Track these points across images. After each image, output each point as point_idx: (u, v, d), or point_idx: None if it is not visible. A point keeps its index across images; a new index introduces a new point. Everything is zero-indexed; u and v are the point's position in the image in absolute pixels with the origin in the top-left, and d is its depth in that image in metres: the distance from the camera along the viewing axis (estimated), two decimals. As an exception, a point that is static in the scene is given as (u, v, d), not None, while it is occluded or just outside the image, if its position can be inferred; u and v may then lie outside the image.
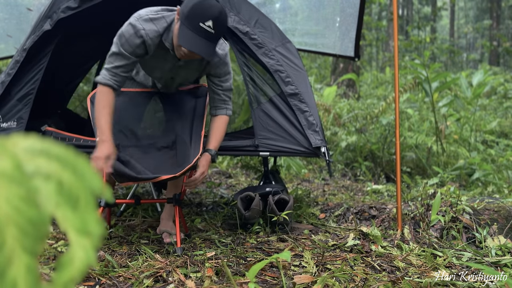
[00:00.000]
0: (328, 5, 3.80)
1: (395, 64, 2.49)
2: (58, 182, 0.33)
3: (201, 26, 1.90)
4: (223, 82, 2.27)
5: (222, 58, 2.22)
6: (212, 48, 1.97)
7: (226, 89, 2.29)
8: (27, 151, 0.33)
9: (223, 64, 2.24)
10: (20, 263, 0.28)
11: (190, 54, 2.02)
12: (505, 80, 11.01)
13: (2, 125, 2.57)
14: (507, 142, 5.66)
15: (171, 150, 2.33)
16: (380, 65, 16.03)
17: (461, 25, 29.23)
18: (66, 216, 0.31)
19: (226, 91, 2.30)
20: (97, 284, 1.72)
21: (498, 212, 2.43)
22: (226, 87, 2.29)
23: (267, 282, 1.76)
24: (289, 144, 2.55)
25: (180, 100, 2.41)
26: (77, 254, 0.30)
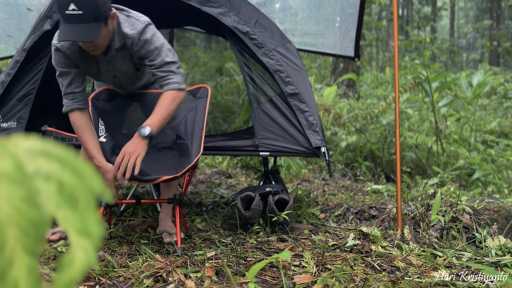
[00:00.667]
0: (328, 5, 3.80)
1: (395, 64, 2.49)
2: (58, 182, 0.33)
3: (67, 14, 1.86)
4: (153, 60, 2.12)
5: (136, 38, 2.08)
6: (90, 29, 1.88)
7: (160, 65, 2.12)
8: (27, 151, 0.33)
9: (143, 42, 2.09)
10: (21, 264, 0.28)
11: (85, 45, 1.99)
12: (505, 80, 11.01)
13: (2, 125, 2.57)
14: (507, 142, 5.66)
15: (172, 151, 2.33)
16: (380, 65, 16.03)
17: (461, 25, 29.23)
18: (66, 217, 0.31)
19: (161, 67, 2.13)
20: (97, 284, 1.72)
21: (498, 212, 2.43)
22: (159, 63, 2.12)
23: (267, 282, 1.77)
24: (289, 144, 2.55)
25: None
26: (77, 255, 0.30)
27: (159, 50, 2.10)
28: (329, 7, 3.80)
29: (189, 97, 2.43)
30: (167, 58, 2.13)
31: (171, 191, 2.39)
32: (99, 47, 2.02)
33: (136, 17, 2.13)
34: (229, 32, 2.64)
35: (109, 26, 2.00)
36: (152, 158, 2.26)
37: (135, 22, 2.10)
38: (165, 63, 2.12)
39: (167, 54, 2.13)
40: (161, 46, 2.11)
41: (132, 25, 2.09)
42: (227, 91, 6.62)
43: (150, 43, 2.09)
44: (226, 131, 5.54)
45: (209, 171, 4.55)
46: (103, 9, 1.91)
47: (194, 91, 2.44)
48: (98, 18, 1.90)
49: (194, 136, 2.28)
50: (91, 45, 1.99)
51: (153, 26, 2.13)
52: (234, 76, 6.87)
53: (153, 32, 2.11)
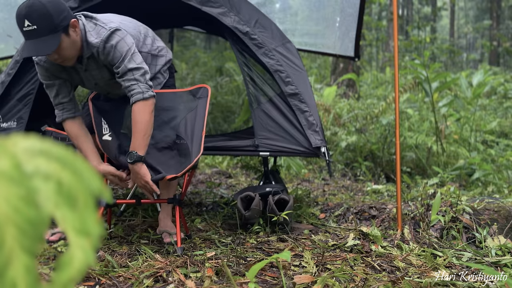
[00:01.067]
0: (328, 5, 3.80)
1: (395, 64, 2.49)
2: (57, 182, 0.33)
3: (25, 31, 1.87)
4: (118, 67, 2.06)
5: (101, 46, 2.04)
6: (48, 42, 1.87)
7: (123, 73, 2.06)
8: (26, 151, 0.33)
9: (109, 49, 2.04)
10: (20, 263, 0.28)
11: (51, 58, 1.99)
12: (505, 80, 11.01)
13: (2, 125, 2.57)
14: (507, 142, 5.66)
15: (172, 151, 2.33)
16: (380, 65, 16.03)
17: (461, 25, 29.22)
18: (65, 216, 0.31)
19: (124, 75, 2.06)
20: (97, 284, 1.72)
21: (498, 212, 2.43)
22: (122, 70, 2.05)
23: (267, 282, 1.76)
24: (289, 144, 2.55)
25: (181, 100, 2.41)
26: (76, 255, 0.30)
27: (124, 57, 2.04)
28: (329, 7, 3.80)
29: (189, 97, 2.42)
30: (129, 65, 2.05)
31: (170, 191, 2.39)
32: (67, 58, 2.01)
33: (103, 24, 2.07)
34: (229, 32, 2.64)
35: (71, 36, 1.96)
36: (152, 158, 2.26)
37: (100, 29, 2.06)
38: (127, 70, 2.05)
39: (131, 60, 2.06)
40: (126, 53, 2.04)
41: (97, 33, 2.05)
42: (227, 91, 6.62)
43: (116, 50, 2.04)
44: (226, 131, 5.53)
45: (209, 171, 4.55)
46: (58, 20, 1.89)
47: (194, 91, 2.44)
48: (55, 29, 1.88)
49: (194, 136, 2.28)
50: (58, 57, 1.98)
51: (120, 32, 2.07)
52: (234, 76, 6.87)
53: (119, 38, 2.05)
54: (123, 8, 2.91)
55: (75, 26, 1.97)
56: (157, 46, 2.42)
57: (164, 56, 2.45)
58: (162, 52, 2.45)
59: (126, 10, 2.96)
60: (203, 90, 2.42)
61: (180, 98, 2.42)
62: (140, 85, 2.06)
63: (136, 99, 2.05)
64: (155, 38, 2.45)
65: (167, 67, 2.49)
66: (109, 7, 2.72)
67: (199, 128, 2.29)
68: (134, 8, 2.96)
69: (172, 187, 2.41)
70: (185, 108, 2.38)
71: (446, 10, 25.68)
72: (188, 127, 2.33)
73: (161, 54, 2.43)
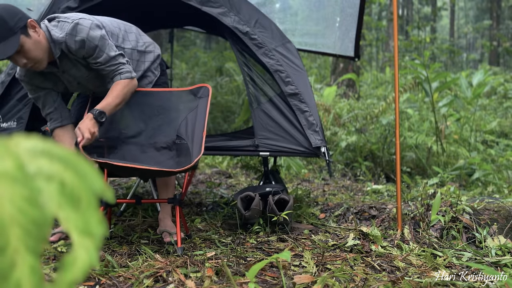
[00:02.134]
0: (328, 5, 3.80)
1: (395, 64, 2.49)
2: (60, 182, 0.33)
3: None
4: (97, 58, 2.09)
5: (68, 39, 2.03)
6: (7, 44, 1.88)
7: (105, 61, 2.10)
8: (29, 151, 0.33)
9: (80, 43, 2.04)
10: (24, 264, 0.28)
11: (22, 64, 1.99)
12: (505, 80, 11.01)
13: (2, 125, 2.57)
14: (507, 142, 5.66)
15: (171, 151, 2.33)
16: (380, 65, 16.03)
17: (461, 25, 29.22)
18: (68, 217, 0.31)
19: (107, 62, 2.10)
20: (97, 284, 1.72)
21: (498, 212, 2.44)
22: (104, 59, 2.09)
23: (267, 282, 1.77)
24: (289, 144, 2.55)
25: (181, 100, 2.41)
26: (80, 255, 0.30)
27: (100, 47, 2.06)
28: (329, 7, 3.80)
29: (190, 97, 2.42)
30: (111, 53, 2.10)
31: (169, 192, 2.39)
32: (37, 60, 2.01)
33: (66, 19, 2.07)
34: (229, 32, 2.64)
35: (32, 36, 1.96)
36: (151, 158, 2.26)
37: (63, 24, 2.05)
38: (111, 57, 2.10)
39: (110, 48, 2.09)
40: (101, 43, 2.06)
41: (61, 29, 2.05)
42: (227, 91, 6.62)
43: (89, 43, 2.04)
44: (226, 131, 5.54)
45: (209, 171, 4.55)
46: (13, 22, 1.89)
47: (195, 90, 2.43)
48: (12, 31, 1.89)
49: (195, 136, 2.27)
50: (28, 61, 1.98)
51: (84, 21, 2.05)
52: (234, 76, 6.87)
53: (86, 28, 2.04)
54: (123, 8, 2.91)
55: (33, 26, 1.97)
56: (144, 42, 2.40)
57: (152, 52, 2.43)
58: (150, 48, 2.42)
59: (126, 10, 2.97)
60: (204, 89, 2.41)
61: (180, 98, 2.42)
62: (127, 66, 2.14)
63: (125, 77, 2.12)
64: (139, 34, 2.43)
65: (158, 64, 2.47)
66: (109, 7, 2.72)
67: (200, 128, 2.28)
68: (133, 8, 2.96)
69: (171, 187, 2.40)
70: (186, 108, 2.37)
71: (446, 10, 25.68)
72: (189, 127, 2.33)
73: (149, 50, 2.41)
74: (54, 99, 2.25)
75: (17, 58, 1.97)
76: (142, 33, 2.46)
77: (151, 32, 3.83)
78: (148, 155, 2.20)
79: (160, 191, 2.43)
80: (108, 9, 2.75)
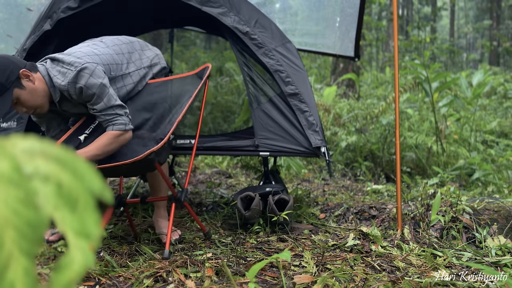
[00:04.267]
0: (328, 5, 3.80)
1: (395, 64, 2.49)
2: (57, 183, 0.32)
3: None
4: (94, 105, 2.03)
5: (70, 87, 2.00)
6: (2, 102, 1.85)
7: (102, 109, 2.03)
8: (26, 152, 0.33)
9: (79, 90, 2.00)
10: (18, 266, 0.28)
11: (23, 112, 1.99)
12: (505, 80, 11.01)
13: (2, 125, 2.57)
14: (507, 142, 5.66)
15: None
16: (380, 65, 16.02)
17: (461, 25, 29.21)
18: (64, 218, 0.31)
19: (103, 111, 2.03)
20: (97, 284, 1.72)
21: (498, 212, 2.43)
22: (101, 107, 2.03)
23: (267, 282, 1.76)
24: (289, 144, 2.55)
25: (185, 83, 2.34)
26: (75, 257, 0.30)
27: (98, 95, 2.00)
28: (329, 7, 3.80)
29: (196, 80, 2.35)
30: (110, 102, 2.03)
31: (162, 190, 2.38)
32: (36, 107, 1.99)
33: (69, 65, 2.01)
34: (229, 32, 2.64)
35: (27, 86, 1.92)
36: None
37: (67, 71, 2.00)
38: (108, 107, 2.03)
39: (110, 97, 2.03)
40: (99, 91, 2.00)
41: (63, 75, 2.00)
42: (227, 91, 6.62)
43: (86, 90, 1.99)
44: (226, 131, 5.53)
45: (209, 171, 4.55)
46: (4, 77, 1.84)
47: (199, 73, 2.37)
48: (4, 87, 1.84)
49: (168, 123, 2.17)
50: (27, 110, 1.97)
51: (87, 69, 1.99)
52: (234, 76, 6.87)
53: (88, 75, 1.99)
54: (123, 8, 2.91)
55: (27, 76, 1.92)
56: (147, 57, 2.36)
57: (158, 64, 2.40)
58: (155, 61, 2.39)
59: (126, 10, 2.97)
60: (205, 69, 2.35)
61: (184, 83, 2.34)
62: (123, 118, 2.04)
63: (119, 128, 2.02)
64: (142, 49, 2.37)
65: (163, 75, 2.44)
66: (109, 7, 2.72)
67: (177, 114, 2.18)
68: (133, 8, 2.96)
69: (161, 184, 2.37)
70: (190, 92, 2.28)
71: (446, 10, 25.68)
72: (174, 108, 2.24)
73: (154, 63, 2.38)
74: (59, 123, 2.24)
75: (17, 108, 1.95)
76: (145, 47, 2.40)
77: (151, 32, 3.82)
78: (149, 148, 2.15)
79: (152, 194, 2.42)
80: (108, 9, 2.75)
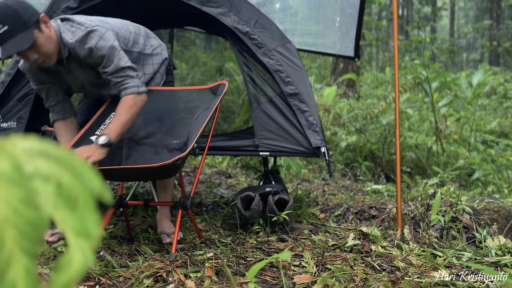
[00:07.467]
0: (328, 5, 3.80)
1: (395, 64, 2.49)
2: (57, 183, 0.32)
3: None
4: (105, 68, 2.06)
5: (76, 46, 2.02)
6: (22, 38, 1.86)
7: (112, 72, 2.06)
8: (26, 152, 0.33)
9: (88, 51, 2.03)
10: (19, 265, 0.28)
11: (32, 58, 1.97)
12: (505, 80, 11.01)
13: (2, 125, 2.57)
14: (507, 142, 5.66)
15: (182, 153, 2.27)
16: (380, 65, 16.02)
17: (461, 25, 29.21)
18: (64, 218, 0.31)
19: (114, 73, 2.06)
20: (97, 284, 1.72)
21: (498, 212, 2.43)
22: (111, 70, 2.05)
23: (267, 282, 1.76)
24: (289, 144, 2.55)
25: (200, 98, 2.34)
26: (75, 256, 0.30)
27: (108, 56, 2.03)
28: (329, 7, 3.80)
29: (209, 96, 2.33)
30: (121, 63, 2.05)
31: (167, 193, 2.38)
32: (47, 56, 2.00)
33: (79, 25, 2.05)
34: (229, 32, 2.64)
35: (44, 31, 1.95)
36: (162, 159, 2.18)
37: (76, 30, 2.03)
38: (119, 68, 2.05)
39: (120, 59, 2.05)
40: (109, 52, 2.03)
41: (72, 33, 2.04)
42: (227, 91, 6.61)
43: (96, 52, 2.02)
44: (226, 131, 5.53)
45: (209, 171, 4.55)
46: (27, 17, 1.88)
47: (214, 88, 2.35)
48: (26, 25, 1.88)
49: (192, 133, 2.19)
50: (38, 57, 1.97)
51: (97, 32, 2.03)
52: (234, 76, 6.87)
53: (97, 37, 2.01)
54: (123, 8, 2.91)
55: (45, 22, 1.97)
56: (151, 45, 2.38)
57: (160, 54, 2.41)
58: (157, 50, 2.41)
59: (126, 10, 2.97)
60: (222, 86, 2.34)
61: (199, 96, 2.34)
62: (134, 80, 2.08)
63: (131, 92, 2.05)
64: (147, 36, 2.41)
65: (166, 66, 2.46)
66: (109, 7, 2.72)
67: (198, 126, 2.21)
68: (133, 8, 2.96)
69: (169, 188, 2.39)
70: (202, 106, 2.28)
71: (446, 10, 25.68)
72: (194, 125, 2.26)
73: (156, 53, 2.39)
74: (57, 92, 2.24)
75: (29, 53, 1.95)
76: (151, 36, 2.43)
77: (151, 32, 3.81)
78: (161, 157, 2.16)
79: (159, 193, 2.42)
80: (108, 9, 2.75)
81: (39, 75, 2.18)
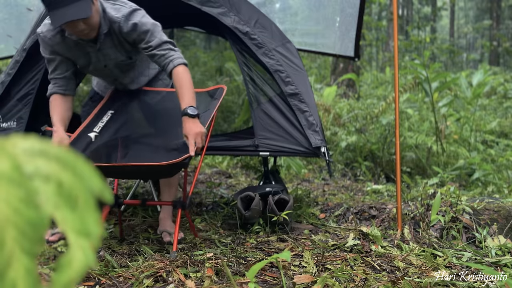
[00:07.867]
0: (328, 5, 3.80)
1: (395, 64, 2.49)
2: (57, 183, 0.32)
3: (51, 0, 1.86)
4: (149, 42, 2.12)
5: (122, 21, 2.08)
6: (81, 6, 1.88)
7: (157, 45, 2.12)
8: (26, 151, 0.33)
9: (132, 26, 2.09)
10: (20, 265, 0.28)
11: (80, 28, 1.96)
12: (505, 80, 11.01)
13: (2, 125, 2.57)
14: (507, 142, 5.66)
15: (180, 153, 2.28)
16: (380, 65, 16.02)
17: (461, 25, 29.21)
18: (65, 217, 0.31)
19: (159, 46, 2.13)
20: (97, 284, 1.72)
21: (498, 212, 2.43)
22: (156, 43, 2.12)
23: (267, 282, 1.76)
24: (289, 144, 2.55)
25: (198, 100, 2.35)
26: (76, 256, 0.30)
27: (152, 31, 2.12)
28: (329, 7, 3.80)
29: (207, 98, 2.37)
30: (164, 37, 2.14)
31: (171, 192, 2.38)
32: (93, 27, 2.02)
33: (124, 4, 2.14)
34: (229, 32, 2.64)
35: (95, 4, 2.00)
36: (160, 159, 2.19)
37: (121, 7, 2.11)
38: (163, 42, 2.14)
39: (162, 34, 2.15)
40: (153, 28, 2.12)
41: (117, 10, 2.10)
42: (227, 91, 6.61)
43: (141, 26, 2.10)
44: (226, 131, 5.54)
45: (209, 171, 4.55)
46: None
47: (211, 92, 2.38)
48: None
49: None
50: (85, 27, 1.98)
51: (141, 11, 2.14)
52: (234, 76, 6.87)
53: (141, 15, 2.12)
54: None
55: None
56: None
57: None
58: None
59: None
60: (220, 90, 2.36)
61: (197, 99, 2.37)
62: (177, 53, 2.16)
63: (179, 63, 2.12)
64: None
65: None
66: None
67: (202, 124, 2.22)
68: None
69: (173, 187, 2.40)
70: (201, 109, 2.30)
71: (446, 10, 25.68)
72: None
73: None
74: (68, 68, 2.22)
75: (77, 23, 1.95)
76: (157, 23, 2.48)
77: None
78: (160, 156, 2.15)
79: (162, 191, 2.42)
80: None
81: (59, 46, 2.15)
